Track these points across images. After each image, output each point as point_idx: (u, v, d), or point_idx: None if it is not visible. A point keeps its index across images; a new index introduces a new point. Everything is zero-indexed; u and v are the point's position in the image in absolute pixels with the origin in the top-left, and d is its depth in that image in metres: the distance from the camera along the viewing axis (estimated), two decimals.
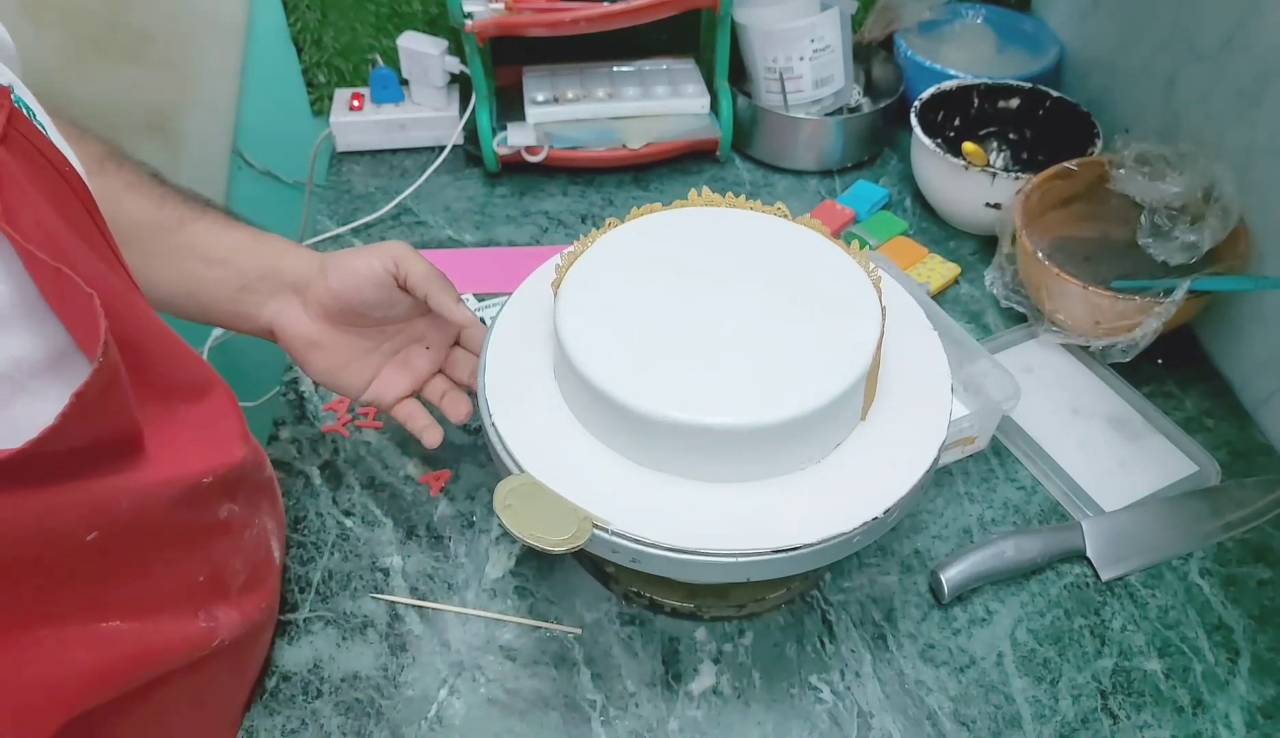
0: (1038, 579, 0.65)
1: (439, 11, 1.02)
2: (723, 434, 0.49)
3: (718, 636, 0.61)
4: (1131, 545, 0.65)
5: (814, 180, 0.99)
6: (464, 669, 0.60)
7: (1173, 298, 0.69)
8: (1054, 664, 0.60)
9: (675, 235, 0.60)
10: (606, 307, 0.55)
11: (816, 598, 0.63)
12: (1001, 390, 0.68)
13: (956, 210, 0.90)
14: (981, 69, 0.98)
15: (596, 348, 0.52)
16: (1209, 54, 0.78)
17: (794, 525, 0.49)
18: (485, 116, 0.94)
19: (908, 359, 0.57)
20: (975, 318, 0.84)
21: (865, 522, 0.49)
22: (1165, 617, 0.62)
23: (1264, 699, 0.58)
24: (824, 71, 0.96)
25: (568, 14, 0.87)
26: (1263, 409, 0.74)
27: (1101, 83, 0.95)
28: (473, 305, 0.84)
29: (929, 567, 0.64)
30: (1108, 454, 0.71)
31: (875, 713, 0.58)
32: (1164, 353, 0.77)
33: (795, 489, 0.51)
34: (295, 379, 0.78)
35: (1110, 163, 0.78)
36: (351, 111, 1.01)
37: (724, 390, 0.50)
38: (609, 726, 0.57)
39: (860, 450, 0.53)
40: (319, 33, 1.03)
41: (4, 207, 0.36)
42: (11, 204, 0.37)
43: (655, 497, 0.51)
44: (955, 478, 0.71)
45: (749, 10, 0.95)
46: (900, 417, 0.55)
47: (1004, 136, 0.96)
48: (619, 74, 1.01)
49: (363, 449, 0.73)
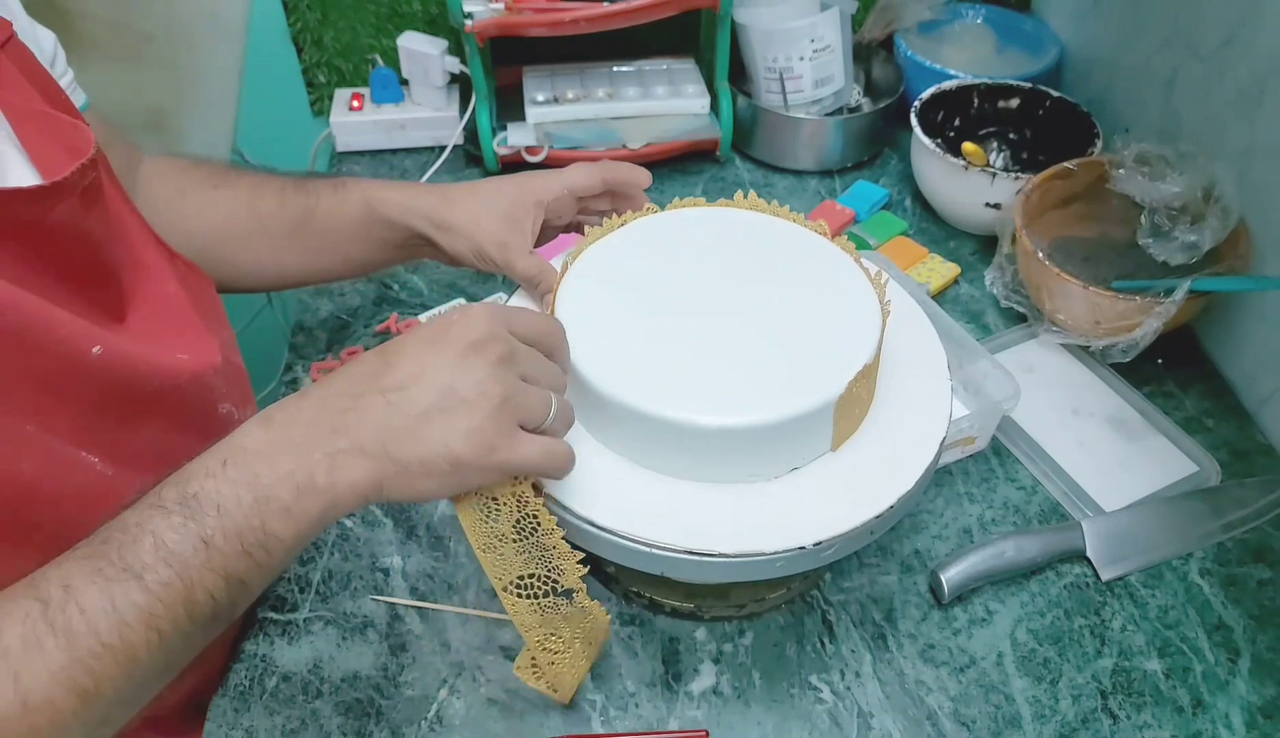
0: (1038, 579, 0.65)
1: (439, 11, 1.02)
2: (721, 435, 0.49)
3: (718, 636, 0.61)
4: (1131, 545, 0.65)
5: (814, 180, 0.99)
6: (464, 669, 0.60)
7: (1173, 298, 0.69)
8: (1054, 664, 0.60)
9: (675, 236, 0.60)
10: (606, 307, 0.55)
11: (816, 598, 0.63)
12: (1001, 390, 0.68)
13: (956, 210, 0.90)
14: (981, 69, 0.98)
15: (595, 348, 0.52)
16: (1209, 54, 0.78)
17: (793, 526, 0.49)
18: (485, 116, 0.94)
19: (908, 359, 0.57)
20: (975, 318, 0.84)
21: (864, 521, 0.49)
22: (1165, 617, 0.62)
23: (1264, 699, 0.58)
24: (824, 71, 0.96)
25: (568, 14, 0.87)
26: (1263, 409, 0.74)
27: (1101, 83, 0.95)
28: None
29: (929, 567, 0.64)
30: (1108, 454, 0.71)
31: (875, 713, 0.58)
32: (1164, 353, 0.77)
33: (795, 490, 0.51)
34: (295, 379, 0.78)
35: (1110, 163, 0.78)
36: (351, 111, 1.02)
37: (723, 391, 0.50)
38: (609, 726, 0.57)
39: (860, 450, 0.53)
40: (319, 33, 1.03)
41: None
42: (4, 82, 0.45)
43: (655, 497, 0.51)
44: (955, 478, 0.71)
45: (749, 10, 0.95)
46: (900, 417, 0.55)
47: (1004, 136, 0.96)
48: (619, 74, 1.01)
49: None
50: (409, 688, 0.59)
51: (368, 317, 0.83)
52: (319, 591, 0.63)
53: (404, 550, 0.66)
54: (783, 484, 0.51)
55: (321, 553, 0.66)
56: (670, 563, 0.49)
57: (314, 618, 0.62)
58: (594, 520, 0.49)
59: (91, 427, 0.45)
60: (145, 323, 0.50)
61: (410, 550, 0.66)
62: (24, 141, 0.46)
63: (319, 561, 0.65)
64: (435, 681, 0.59)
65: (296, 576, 0.64)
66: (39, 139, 0.47)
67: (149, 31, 0.98)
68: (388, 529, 0.67)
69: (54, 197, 0.44)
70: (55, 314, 0.43)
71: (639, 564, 0.50)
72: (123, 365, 0.46)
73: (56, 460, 0.44)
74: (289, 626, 0.62)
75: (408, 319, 0.82)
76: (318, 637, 0.61)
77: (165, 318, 0.52)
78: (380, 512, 0.68)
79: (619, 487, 0.51)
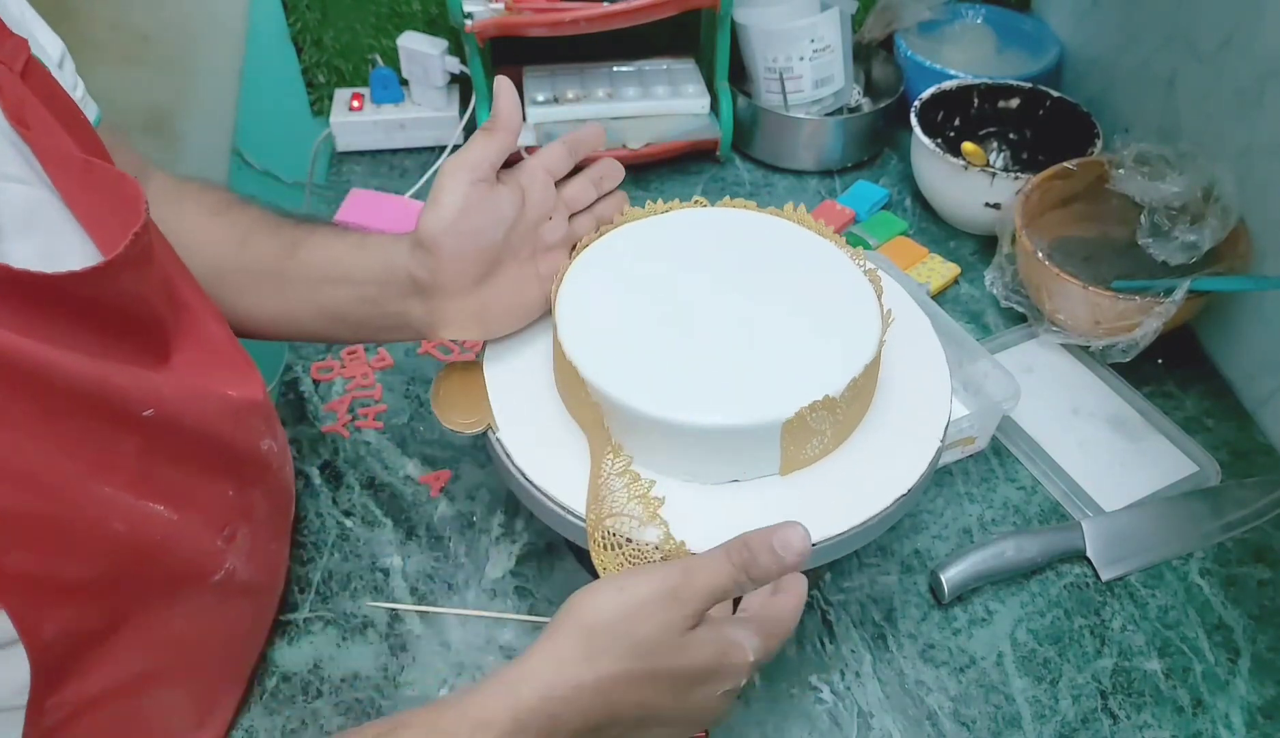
0: (1038, 579, 0.65)
1: (439, 11, 1.02)
2: (719, 435, 0.49)
3: None
4: (1131, 545, 0.65)
5: (814, 180, 0.99)
6: (464, 670, 0.60)
7: (1173, 298, 0.69)
8: (1054, 664, 0.60)
9: (674, 237, 0.60)
10: (605, 308, 0.54)
11: (816, 598, 0.63)
12: (1001, 390, 0.68)
13: (956, 210, 0.90)
14: (981, 69, 0.98)
15: (595, 349, 0.52)
16: (1209, 54, 0.78)
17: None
18: (485, 116, 0.94)
19: (908, 359, 0.57)
20: (975, 318, 0.84)
21: (863, 521, 0.49)
22: (1165, 617, 0.62)
23: (1264, 699, 0.58)
24: (824, 71, 0.96)
25: (568, 14, 0.87)
26: (1263, 409, 0.74)
27: (1101, 83, 0.95)
28: None
29: (929, 567, 0.64)
30: (1108, 454, 0.71)
31: (875, 713, 0.58)
32: (1164, 353, 0.77)
33: (794, 489, 0.51)
34: (295, 379, 0.78)
35: (1110, 163, 0.78)
36: (351, 112, 1.01)
37: (721, 391, 0.50)
38: None
39: (859, 450, 0.53)
40: (319, 33, 1.03)
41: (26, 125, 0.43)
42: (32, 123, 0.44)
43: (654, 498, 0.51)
44: (955, 478, 0.71)
45: (749, 10, 0.95)
46: (900, 417, 0.55)
47: (1004, 136, 0.96)
48: (619, 74, 1.01)
49: (363, 449, 0.73)
50: (409, 688, 0.59)
51: None
52: (319, 591, 0.63)
53: (404, 551, 0.66)
54: (781, 484, 0.51)
55: (321, 553, 0.66)
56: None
57: (314, 618, 0.62)
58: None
59: (149, 476, 0.45)
60: (190, 364, 0.50)
61: (410, 551, 0.66)
62: (69, 200, 0.45)
63: (319, 561, 0.65)
64: (435, 681, 0.59)
65: (297, 576, 0.64)
66: (86, 197, 0.46)
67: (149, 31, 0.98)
68: (388, 529, 0.67)
69: (113, 272, 0.43)
70: (111, 379, 0.43)
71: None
72: (172, 417, 0.47)
73: (136, 514, 0.45)
74: (289, 626, 0.62)
75: None
76: (318, 637, 0.61)
77: (210, 357, 0.52)
78: (380, 511, 0.68)
79: None
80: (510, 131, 0.54)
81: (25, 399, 0.39)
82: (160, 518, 0.46)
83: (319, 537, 0.67)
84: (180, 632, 0.49)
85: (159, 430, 0.46)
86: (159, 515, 0.46)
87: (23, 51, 0.46)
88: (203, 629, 0.51)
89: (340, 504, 0.69)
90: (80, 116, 0.50)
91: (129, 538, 0.44)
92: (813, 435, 0.50)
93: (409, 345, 0.80)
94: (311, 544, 0.66)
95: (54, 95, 0.48)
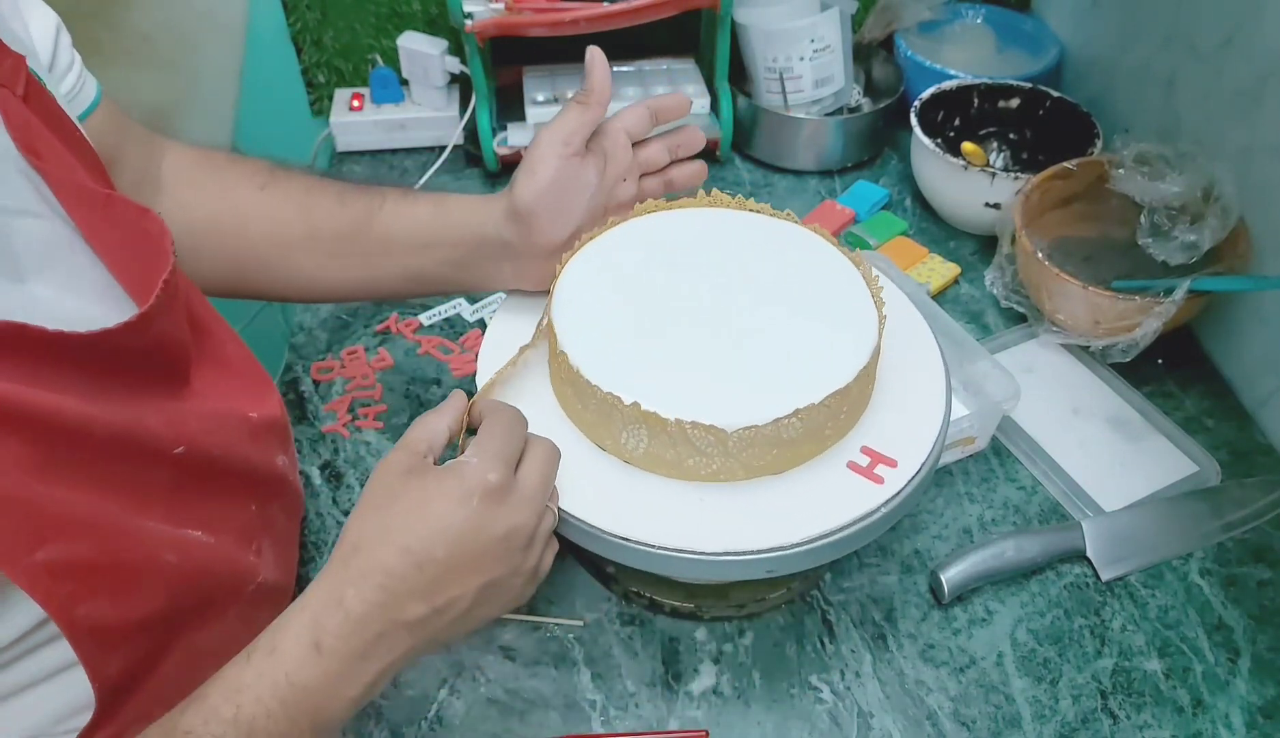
0: (1038, 579, 0.65)
1: (439, 11, 1.02)
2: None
3: (718, 636, 0.61)
4: (1131, 545, 0.65)
5: (814, 180, 0.99)
6: (464, 669, 0.60)
7: (1173, 298, 0.69)
8: (1054, 664, 0.60)
9: (673, 236, 0.60)
10: (602, 307, 0.55)
11: (816, 598, 0.63)
12: (1001, 390, 0.68)
13: (956, 210, 0.90)
14: (981, 69, 0.98)
15: (591, 348, 0.52)
16: (1209, 54, 0.78)
17: (790, 525, 0.49)
18: (485, 117, 0.94)
19: (906, 360, 0.57)
20: (975, 318, 0.84)
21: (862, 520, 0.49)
22: (1165, 617, 0.62)
23: (1264, 699, 0.58)
24: (824, 71, 0.96)
25: (568, 14, 0.87)
26: (1263, 409, 0.74)
27: (1101, 83, 0.95)
28: (468, 306, 0.84)
29: (929, 567, 0.64)
30: (1108, 454, 0.71)
31: (875, 713, 0.58)
32: (1164, 353, 0.77)
33: (793, 488, 0.51)
34: (295, 379, 0.78)
35: (1110, 163, 0.78)
36: (351, 112, 1.02)
37: (720, 391, 0.50)
38: (609, 726, 0.57)
39: (859, 450, 0.53)
40: (319, 33, 1.03)
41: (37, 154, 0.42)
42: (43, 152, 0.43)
43: (652, 497, 0.51)
44: (955, 478, 0.71)
45: (749, 10, 0.95)
46: (899, 417, 0.55)
47: (1004, 136, 0.96)
48: (619, 74, 1.01)
49: (363, 449, 0.73)
50: (409, 688, 0.59)
51: (368, 316, 0.83)
52: None
53: None
54: (780, 483, 0.51)
55: (322, 553, 0.66)
56: (663, 562, 0.49)
57: None
58: (591, 521, 0.49)
59: (182, 504, 0.46)
60: (212, 388, 0.50)
61: None
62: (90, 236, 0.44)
63: (319, 561, 0.65)
64: (435, 680, 0.59)
65: (299, 576, 0.64)
66: (108, 234, 0.44)
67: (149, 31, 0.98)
68: None
69: (146, 323, 0.43)
70: (144, 420, 0.43)
71: (636, 563, 0.50)
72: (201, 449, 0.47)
73: (180, 543, 0.45)
74: None
75: (407, 319, 0.82)
76: None
77: (230, 379, 0.53)
78: None
79: (617, 487, 0.51)
80: (602, 104, 0.56)
81: (69, 453, 0.39)
82: (199, 543, 0.47)
83: (319, 537, 0.67)
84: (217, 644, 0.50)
85: (188, 461, 0.46)
86: (198, 540, 0.47)
87: (22, 70, 0.44)
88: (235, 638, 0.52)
89: (340, 504, 0.69)
90: (86, 143, 0.48)
91: (179, 566, 0.44)
92: (807, 437, 0.51)
93: (409, 345, 0.80)
94: (312, 544, 0.66)
95: (59, 119, 0.46)
